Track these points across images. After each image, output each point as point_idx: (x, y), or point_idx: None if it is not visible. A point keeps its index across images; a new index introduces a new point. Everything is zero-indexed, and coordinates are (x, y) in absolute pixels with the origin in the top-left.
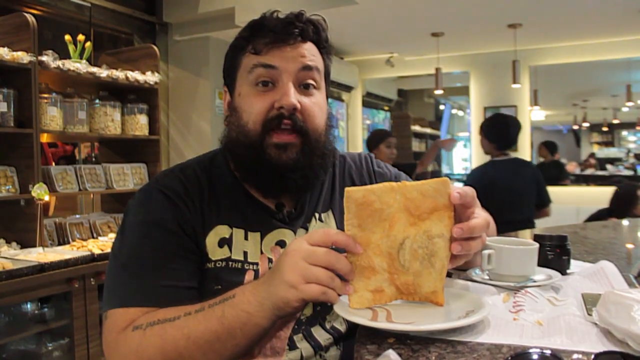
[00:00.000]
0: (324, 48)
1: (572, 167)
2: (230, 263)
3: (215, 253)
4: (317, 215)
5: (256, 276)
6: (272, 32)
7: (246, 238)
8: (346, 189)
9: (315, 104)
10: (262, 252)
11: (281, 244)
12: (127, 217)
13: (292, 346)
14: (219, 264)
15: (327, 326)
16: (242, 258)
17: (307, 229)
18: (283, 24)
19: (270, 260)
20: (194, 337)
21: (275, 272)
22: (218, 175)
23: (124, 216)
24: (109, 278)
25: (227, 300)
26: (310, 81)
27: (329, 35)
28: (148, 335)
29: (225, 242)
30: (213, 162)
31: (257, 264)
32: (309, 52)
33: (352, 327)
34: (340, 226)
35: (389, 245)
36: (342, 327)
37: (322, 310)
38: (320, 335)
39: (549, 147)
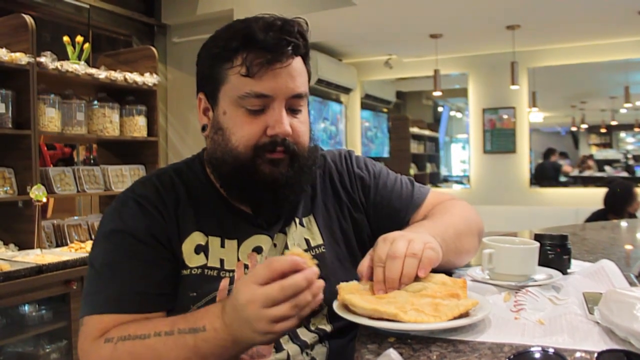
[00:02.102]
0: (307, 56)
1: (569, 169)
2: (206, 270)
3: (192, 260)
4: (297, 220)
5: (232, 282)
6: (263, 50)
7: (222, 246)
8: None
9: (303, 123)
10: (238, 259)
11: (258, 250)
12: (102, 225)
13: (278, 348)
14: (194, 271)
15: (312, 328)
16: (218, 266)
17: (286, 233)
18: (275, 40)
19: (246, 267)
20: None
21: (244, 324)
22: (194, 181)
23: (100, 224)
24: (86, 284)
25: (197, 332)
26: (300, 107)
27: (325, 37)
28: (119, 350)
29: (201, 249)
30: (190, 167)
31: (233, 271)
32: (298, 71)
33: (338, 327)
34: (323, 229)
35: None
36: (327, 328)
37: None
38: (305, 334)
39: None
